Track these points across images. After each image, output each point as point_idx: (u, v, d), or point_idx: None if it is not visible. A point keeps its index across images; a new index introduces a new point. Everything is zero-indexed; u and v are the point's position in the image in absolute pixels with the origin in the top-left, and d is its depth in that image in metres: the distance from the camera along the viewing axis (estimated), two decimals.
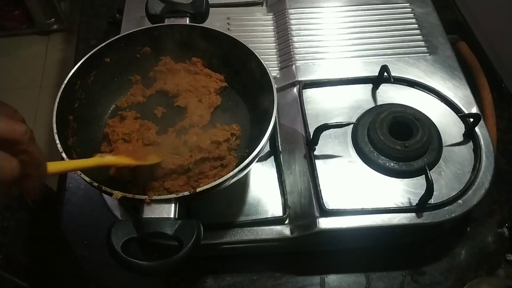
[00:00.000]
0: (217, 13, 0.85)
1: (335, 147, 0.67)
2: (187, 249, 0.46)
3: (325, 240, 0.64)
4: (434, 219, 0.60)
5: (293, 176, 0.66)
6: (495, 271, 0.65)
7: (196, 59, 0.68)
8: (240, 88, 0.68)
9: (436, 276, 0.65)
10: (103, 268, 0.67)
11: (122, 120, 0.63)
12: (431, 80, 0.75)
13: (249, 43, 0.63)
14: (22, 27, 2.07)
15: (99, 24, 0.99)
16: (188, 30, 0.66)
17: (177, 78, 0.67)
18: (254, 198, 0.65)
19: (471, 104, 0.72)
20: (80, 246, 0.69)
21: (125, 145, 0.59)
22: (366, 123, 0.68)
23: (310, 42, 0.81)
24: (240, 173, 0.52)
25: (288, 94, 0.75)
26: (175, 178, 0.56)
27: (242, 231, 0.61)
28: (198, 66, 0.68)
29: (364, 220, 0.60)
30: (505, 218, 0.70)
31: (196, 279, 0.65)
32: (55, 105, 0.55)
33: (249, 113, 0.66)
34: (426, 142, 0.64)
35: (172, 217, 0.48)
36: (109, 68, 0.64)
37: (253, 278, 0.65)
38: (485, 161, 0.65)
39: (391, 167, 0.64)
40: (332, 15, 0.86)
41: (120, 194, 0.48)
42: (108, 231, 0.46)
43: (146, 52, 0.67)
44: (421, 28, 0.83)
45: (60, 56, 2.05)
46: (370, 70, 0.76)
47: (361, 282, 0.64)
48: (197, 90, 0.66)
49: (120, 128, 0.61)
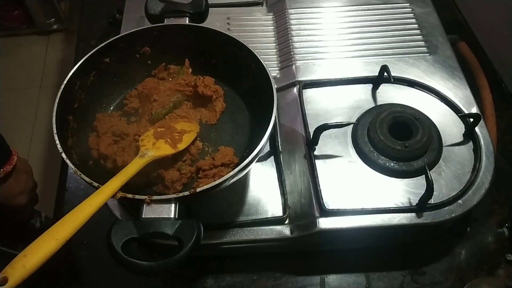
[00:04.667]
0: (217, 13, 0.86)
1: (335, 147, 0.67)
2: (187, 249, 0.45)
3: (325, 240, 0.64)
4: (434, 219, 0.60)
5: (293, 176, 0.66)
6: (495, 271, 0.65)
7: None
8: (240, 88, 0.68)
9: (436, 276, 0.65)
10: (103, 268, 0.67)
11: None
12: (431, 80, 0.75)
13: (249, 43, 0.63)
14: (22, 27, 2.07)
15: (99, 24, 0.99)
16: (187, 30, 0.66)
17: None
18: (254, 198, 0.65)
19: (471, 104, 0.72)
20: (80, 246, 0.69)
21: (154, 129, 0.60)
22: (366, 123, 0.68)
23: (310, 42, 0.81)
24: (240, 173, 0.52)
25: (288, 94, 0.75)
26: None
27: (242, 231, 0.61)
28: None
29: (364, 220, 0.60)
30: (505, 218, 0.70)
31: (196, 279, 0.65)
32: (55, 105, 0.55)
33: (249, 113, 0.66)
34: (426, 142, 0.64)
35: (172, 217, 0.48)
36: (109, 68, 0.64)
37: (253, 278, 0.65)
38: (485, 161, 0.65)
39: (391, 167, 0.64)
40: (332, 15, 0.86)
41: (120, 194, 0.48)
42: (108, 231, 0.46)
43: (145, 52, 0.67)
44: (421, 28, 0.83)
45: (60, 56, 2.05)
46: (370, 70, 0.76)
47: (361, 282, 0.64)
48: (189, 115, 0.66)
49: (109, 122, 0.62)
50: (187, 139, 0.60)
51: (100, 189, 0.47)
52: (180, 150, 0.58)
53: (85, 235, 0.69)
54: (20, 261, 0.37)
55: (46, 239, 0.40)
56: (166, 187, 0.57)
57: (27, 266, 0.37)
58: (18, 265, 0.37)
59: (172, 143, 0.58)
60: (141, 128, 0.61)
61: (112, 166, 0.58)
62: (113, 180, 0.49)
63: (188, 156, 0.60)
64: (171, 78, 0.68)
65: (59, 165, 0.77)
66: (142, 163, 0.53)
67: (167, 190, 0.57)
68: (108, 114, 0.64)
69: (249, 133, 0.64)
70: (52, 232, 0.40)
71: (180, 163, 0.59)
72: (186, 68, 0.69)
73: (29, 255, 0.38)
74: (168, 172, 0.57)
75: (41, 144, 1.68)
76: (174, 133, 0.59)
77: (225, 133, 0.65)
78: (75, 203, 0.44)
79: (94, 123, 0.62)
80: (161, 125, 0.61)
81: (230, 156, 0.59)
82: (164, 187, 0.57)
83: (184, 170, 0.58)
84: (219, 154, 0.59)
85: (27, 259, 0.37)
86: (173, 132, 0.60)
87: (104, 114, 0.64)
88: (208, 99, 0.65)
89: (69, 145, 0.56)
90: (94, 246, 0.68)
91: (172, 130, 0.60)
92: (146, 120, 0.63)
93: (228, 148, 0.60)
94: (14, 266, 0.37)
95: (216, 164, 0.57)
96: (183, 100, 0.66)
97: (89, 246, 0.68)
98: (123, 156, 0.58)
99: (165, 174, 0.57)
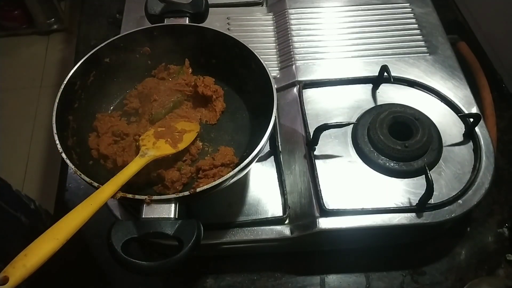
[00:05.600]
0: (217, 13, 0.86)
1: (335, 147, 0.67)
2: (187, 249, 0.45)
3: (325, 240, 0.64)
4: (434, 219, 0.60)
5: (293, 176, 0.66)
6: (495, 271, 0.65)
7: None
8: (240, 88, 0.68)
9: (436, 276, 0.65)
10: (103, 268, 0.67)
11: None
12: (431, 80, 0.75)
13: (249, 43, 0.63)
14: (22, 27, 2.07)
15: (99, 24, 0.99)
16: (187, 30, 0.66)
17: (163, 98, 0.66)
18: (254, 198, 0.65)
19: (471, 104, 0.72)
20: (80, 246, 0.69)
21: (154, 129, 0.60)
22: (366, 123, 0.68)
23: (310, 42, 0.81)
24: (240, 173, 0.52)
25: (288, 94, 0.75)
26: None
27: (242, 231, 0.61)
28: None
29: (364, 220, 0.60)
30: (505, 218, 0.70)
31: (196, 279, 0.65)
32: (55, 105, 0.55)
33: (249, 113, 0.66)
34: (426, 142, 0.64)
35: (172, 217, 0.48)
36: (109, 68, 0.64)
37: (253, 278, 0.65)
38: (485, 161, 0.65)
39: (391, 167, 0.64)
40: (332, 15, 0.86)
41: (120, 194, 0.48)
42: (108, 231, 0.46)
43: (145, 52, 0.67)
44: (421, 28, 0.83)
45: (60, 56, 2.05)
46: (370, 70, 0.76)
47: (361, 282, 0.64)
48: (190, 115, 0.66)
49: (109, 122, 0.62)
50: (188, 138, 0.60)
51: (100, 189, 0.47)
52: (180, 149, 0.58)
53: (85, 235, 0.69)
54: (21, 260, 0.37)
55: (47, 238, 0.40)
56: (166, 187, 0.57)
57: (28, 266, 0.37)
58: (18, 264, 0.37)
59: (172, 143, 0.58)
60: (141, 128, 0.61)
61: (112, 166, 0.58)
62: (113, 180, 0.49)
63: (188, 156, 0.60)
64: (171, 78, 0.68)
65: (59, 165, 0.77)
66: (142, 163, 0.53)
67: (167, 190, 0.57)
68: (108, 114, 0.64)
69: (249, 133, 0.64)
70: (52, 232, 0.40)
71: (180, 163, 0.59)
72: (186, 68, 0.69)
73: (29, 254, 0.38)
74: (168, 172, 0.57)
75: (41, 144, 1.68)
76: (175, 133, 0.59)
77: (225, 133, 0.65)
78: (75, 203, 0.44)
79: (94, 123, 0.62)
80: (162, 125, 0.61)
81: (230, 156, 0.59)
82: (164, 187, 0.57)
83: (184, 170, 0.58)
84: (219, 154, 0.59)
85: (28, 259, 0.37)
86: (174, 131, 0.60)
87: (104, 114, 0.64)
88: (208, 99, 0.65)
89: (69, 145, 0.56)
90: (94, 246, 0.68)
91: (173, 130, 0.60)
92: (146, 120, 0.63)
93: (228, 148, 0.60)
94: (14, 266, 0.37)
95: (216, 164, 0.57)
96: (183, 100, 0.66)
97: (89, 246, 0.69)
98: (123, 156, 0.58)
99: (165, 174, 0.57)
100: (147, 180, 0.57)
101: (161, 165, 0.57)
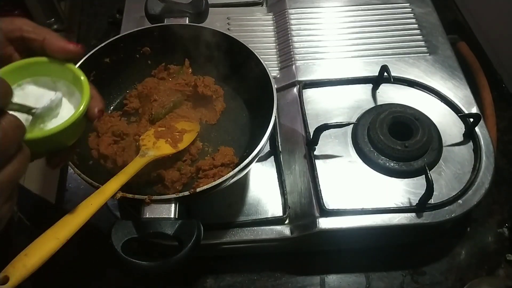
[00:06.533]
0: (217, 13, 0.86)
1: (335, 147, 0.67)
2: (187, 249, 0.46)
3: (325, 240, 0.64)
4: (434, 219, 0.60)
5: (293, 176, 0.66)
6: (495, 271, 0.65)
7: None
8: (240, 88, 0.68)
9: (436, 276, 0.65)
10: (103, 268, 0.67)
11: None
12: (431, 80, 0.75)
13: (249, 43, 0.63)
14: None
15: (99, 24, 0.99)
16: (187, 30, 0.66)
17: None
18: (254, 198, 0.65)
19: (471, 104, 0.72)
20: (80, 246, 0.69)
21: (154, 128, 0.60)
22: (366, 123, 0.68)
23: (310, 42, 0.81)
24: (240, 173, 0.52)
25: (288, 94, 0.75)
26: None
27: (242, 231, 0.61)
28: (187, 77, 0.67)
29: (364, 220, 0.60)
30: (505, 218, 0.70)
31: (196, 279, 0.65)
32: None
33: (249, 113, 0.66)
34: (426, 142, 0.64)
35: (172, 217, 0.48)
36: (109, 68, 0.64)
37: (253, 278, 0.65)
38: (485, 161, 0.65)
39: (391, 167, 0.64)
40: (332, 15, 0.86)
41: (120, 194, 0.48)
42: (108, 231, 0.46)
43: (145, 52, 0.67)
44: (421, 28, 0.83)
45: None
46: (370, 70, 0.76)
47: (361, 282, 0.64)
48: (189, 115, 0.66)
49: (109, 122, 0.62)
50: (188, 138, 0.60)
51: (100, 189, 0.47)
52: (180, 149, 0.58)
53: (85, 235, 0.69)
54: (21, 260, 0.37)
55: (47, 238, 0.40)
56: (166, 187, 0.57)
57: (28, 265, 0.37)
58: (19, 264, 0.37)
59: (172, 143, 0.58)
60: (141, 128, 0.61)
61: (112, 166, 0.58)
62: (113, 180, 0.49)
63: (188, 156, 0.60)
64: (171, 78, 0.68)
65: None
66: (142, 163, 0.53)
67: (167, 190, 0.57)
68: (108, 114, 0.64)
69: (249, 133, 0.64)
70: (53, 231, 0.40)
71: (180, 163, 0.59)
72: (186, 68, 0.69)
73: (30, 254, 0.38)
74: (168, 172, 0.57)
75: None
76: (175, 133, 0.59)
77: (225, 133, 0.65)
78: (75, 203, 0.44)
79: (94, 123, 0.62)
80: (162, 125, 0.61)
81: (230, 156, 0.59)
82: (164, 187, 0.57)
83: (184, 170, 0.58)
84: (219, 154, 0.59)
85: (28, 258, 0.37)
86: (174, 131, 0.60)
87: (104, 114, 0.64)
88: (208, 99, 0.65)
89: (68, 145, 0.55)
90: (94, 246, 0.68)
91: (173, 130, 0.60)
92: (146, 120, 0.63)
93: (228, 148, 0.60)
94: (15, 265, 0.37)
95: (216, 164, 0.57)
96: (183, 100, 0.66)
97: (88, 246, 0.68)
98: (123, 156, 0.58)
99: (165, 174, 0.57)
100: (147, 180, 0.57)
101: (161, 165, 0.57)
